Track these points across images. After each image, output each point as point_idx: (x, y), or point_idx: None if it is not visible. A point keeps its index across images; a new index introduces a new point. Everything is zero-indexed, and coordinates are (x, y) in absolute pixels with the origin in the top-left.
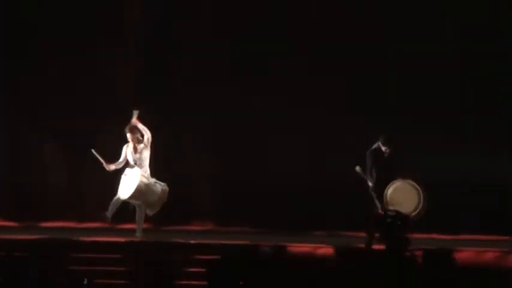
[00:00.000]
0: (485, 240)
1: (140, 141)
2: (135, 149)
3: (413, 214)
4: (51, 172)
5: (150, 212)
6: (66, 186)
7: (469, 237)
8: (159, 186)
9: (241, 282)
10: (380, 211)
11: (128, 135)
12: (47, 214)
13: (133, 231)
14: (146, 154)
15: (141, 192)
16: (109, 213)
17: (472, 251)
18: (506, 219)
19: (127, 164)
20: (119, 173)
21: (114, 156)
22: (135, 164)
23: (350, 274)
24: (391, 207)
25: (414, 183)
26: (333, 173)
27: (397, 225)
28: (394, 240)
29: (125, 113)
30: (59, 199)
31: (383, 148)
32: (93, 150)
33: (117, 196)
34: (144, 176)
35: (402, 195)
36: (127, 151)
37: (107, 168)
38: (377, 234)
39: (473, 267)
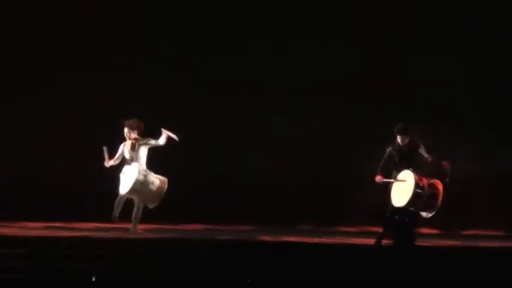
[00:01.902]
0: None
1: (137, 139)
2: (132, 146)
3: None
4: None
5: (151, 205)
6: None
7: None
8: (157, 180)
9: (248, 280)
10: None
11: (125, 130)
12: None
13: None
14: (144, 151)
15: (139, 185)
16: (115, 213)
17: None
18: None
19: (124, 162)
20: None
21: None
22: (132, 160)
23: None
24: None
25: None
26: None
27: (404, 221)
28: (401, 236)
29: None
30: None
31: (399, 140)
32: (104, 148)
33: (119, 196)
34: (141, 170)
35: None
36: (124, 148)
37: (106, 165)
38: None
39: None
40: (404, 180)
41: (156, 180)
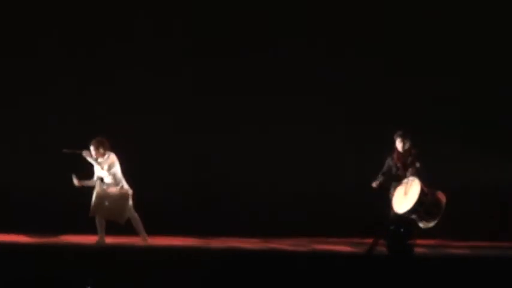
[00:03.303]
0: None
1: (102, 156)
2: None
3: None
4: None
5: (121, 221)
6: None
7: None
8: (116, 196)
9: None
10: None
11: (92, 149)
12: None
13: None
14: (114, 169)
15: (97, 206)
16: (101, 236)
17: None
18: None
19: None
20: None
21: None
22: (109, 178)
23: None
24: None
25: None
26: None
27: (399, 232)
28: (397, 246)
29: None
30: None
31: (399, 146)
32: (73, 176)
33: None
34: (101, 187)
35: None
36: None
37: (77, 184)
38: (381, 241)
39: None
40: (405, 192)
41: (113, 196)
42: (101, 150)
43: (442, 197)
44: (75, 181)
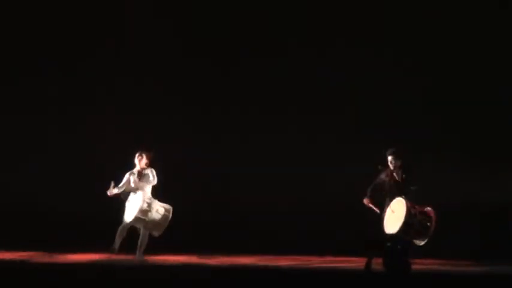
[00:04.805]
0: None
1: (145, 168)
2: (139, 174)
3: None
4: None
5: (156, 233)
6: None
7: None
8: (162, 208)
9: None
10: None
11: (137, 161)
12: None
13: None
14: (149, 180)
15: (143, 214)
16: (116, 245)
17: None
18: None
19: (129, 191)
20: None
21: None
22: (137, 188)
23: None
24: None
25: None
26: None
27: (396, 249)
28: (394, 263)
29: None
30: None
31: (390, 163)
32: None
33: (121, 225)
34: (145, 199)
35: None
36: (130, 177)
37: (109, 193)
38: (377, 257)
39: None
40: (393, 211)
41: (160, 208)
42: (146, 161)
43: (431, 215)
44: (114, 190)
